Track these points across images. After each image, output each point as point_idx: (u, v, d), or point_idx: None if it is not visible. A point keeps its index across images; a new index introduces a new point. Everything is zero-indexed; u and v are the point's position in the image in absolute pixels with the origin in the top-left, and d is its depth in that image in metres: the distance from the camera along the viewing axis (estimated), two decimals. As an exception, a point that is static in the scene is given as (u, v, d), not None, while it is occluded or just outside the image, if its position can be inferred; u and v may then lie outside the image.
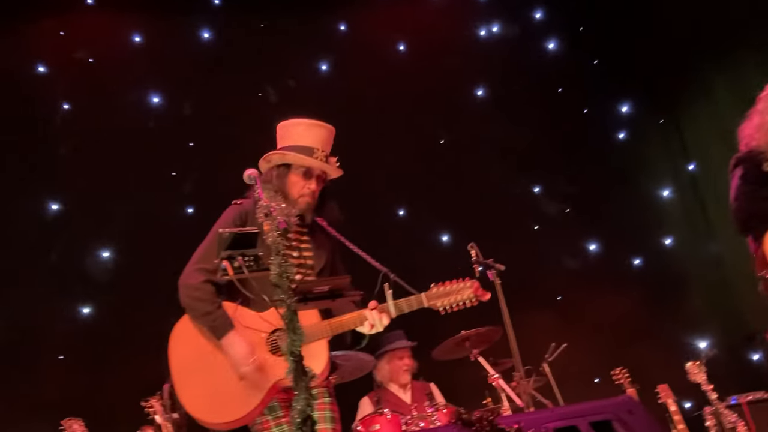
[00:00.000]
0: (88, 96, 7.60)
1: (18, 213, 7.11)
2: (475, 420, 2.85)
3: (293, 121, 4.05)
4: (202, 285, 3.71)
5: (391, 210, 8.29)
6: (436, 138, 8.58)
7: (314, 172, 3.96)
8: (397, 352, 6.27)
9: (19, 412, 6.28)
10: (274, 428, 3.63)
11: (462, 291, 3.80)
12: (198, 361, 3.68)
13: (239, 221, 3.83)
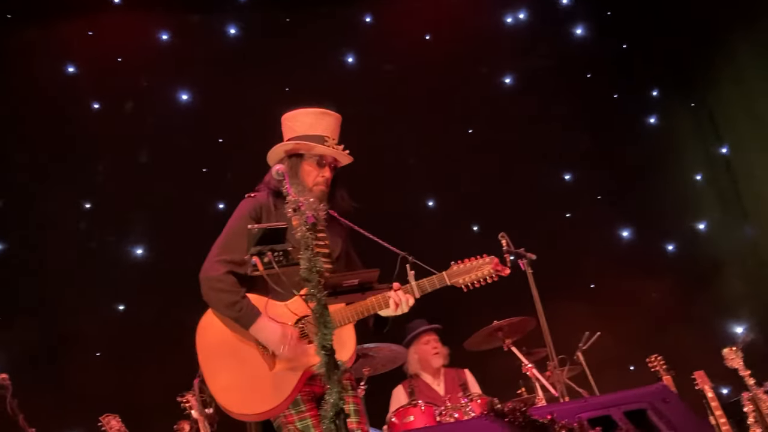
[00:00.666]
0: (118, 95, 7.68)
1: (51, 213, 7.22)
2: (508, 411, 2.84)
3: (300, 111, 4.02)
4: (225, 276, 3.68)
5: (421, 201, 8.28)
6: (464, 127, 8.54)
7: (327, 160, 3.94)
8: (422, 337, 6.25)
9: (59, 409, 6.38)
10: (298, 422, 3.61)
11: (482, 267, 3.80)
12: (226, 354, 3.67)
13: (255, 214, 3.82)
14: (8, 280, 6.95)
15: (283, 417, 3.64)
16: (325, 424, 2.97)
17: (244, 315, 3.63)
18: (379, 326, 3.91)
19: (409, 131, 8.11)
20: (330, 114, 4.03)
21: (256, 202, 3.87)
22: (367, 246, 4.01)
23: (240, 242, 3.73)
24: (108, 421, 5.33)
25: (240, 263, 3.69)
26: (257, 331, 3.61)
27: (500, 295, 6.90)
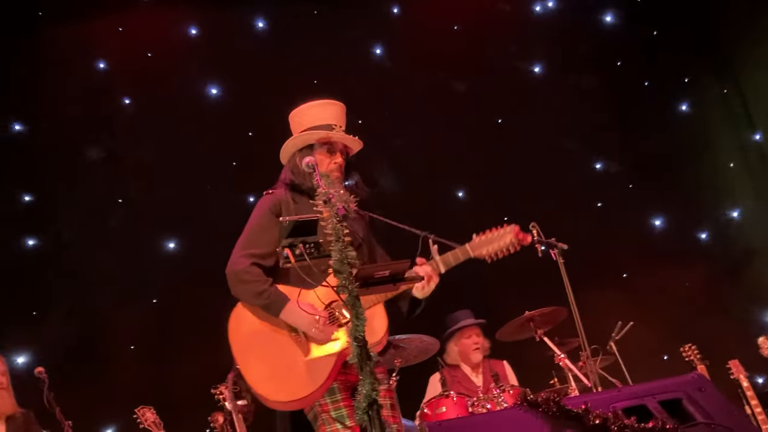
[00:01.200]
0: (148, 90, 7.74)
1: (84, 208, 7.30)
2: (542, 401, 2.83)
3: (306, 105, 4.06)
4: (250, 268, 3.71)
5: (450, 192, 8.26)
6: (494, 117, 8.50)
7: (337, 147, 3.95)
8: (464, 331, 6.23)
9: (94, 402, 6.46)
10: (333, 411, 3.60)
11: (504, 236, 3.79)
12: (260, 344, 3.69)
13: (275, 209, 3.85)
14: (42, 276, 7.05)
15: (318, 406, 3.64)
16: (358, 414, 2.98)
17: (273, 302, 3.65)
18: (413, 308, 3.90)
19: (437, 122, 8.09)
20: (334, 103, 4.06)
21: (275, 198, 3.91)
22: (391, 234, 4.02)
23: (262, 237, 3.79)
24: (143, 413, 5.40)
25: (264, 256, 3.75)
26: (287, 314, 3.62)
27: (532, 286, 6.91)
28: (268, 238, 3.77)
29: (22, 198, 7.38)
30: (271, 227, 3.81)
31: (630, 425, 2.78)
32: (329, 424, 3.59)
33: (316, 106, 4.02)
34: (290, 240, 3.26)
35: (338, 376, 3.66)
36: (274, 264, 3.78)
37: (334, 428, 3.57)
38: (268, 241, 3.77)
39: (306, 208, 3.80)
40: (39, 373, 4.76)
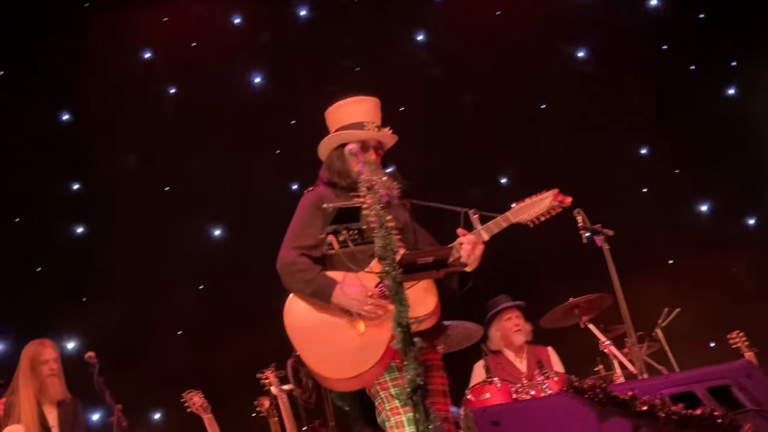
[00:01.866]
0: (192, 79, 7.82)
1: (131, 195, 7.41)
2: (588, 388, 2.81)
3: (338, 104, 4.11)
4: (299, 258, 3.78)
5: (493, 178, 8.23)
6: (537, 103, 8.44)
7: (370, 144, 3.98)
8: (504, 314, 6.21)
9: (143, 386, 6.57)
10: (392, 388, 3.64)
11: (543, 200, 3.82)
12: (315, 328, 3.74)
13: (318, 203, 3.87)
14: (91, 262, 7.19)
15: (377, 384, 3.69)
16: (403, 399, 3.00)
17: (321, 288, 3.70)
18: (463, 283, 3.91)
19: (480, 108, 8.06)
20: (366, 100, 4.10)
21: (317, 193, 3.97)
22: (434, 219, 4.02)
23: (308, 230, 3.85)
24: (190, 397, 5.48)
25: (312, 248, 3.81)
26: (337, 297, 3.67)
27: (577, 272, 6.87)
28: (313, 230, 3.82)
29: (71, 186, 7.53)
30: (314, 220, 3.85)
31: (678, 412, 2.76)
32: (388, 401, 3.64)
33: (349, 104, 4.08)
34: (334, 227, 3.29)
35: (396, 354, 3.68)
36: (322, 254, 3.83)
37: (393, 406, 3.62)
38: (313, 233, 3.82)
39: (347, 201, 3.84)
40: (89, 357, 4.85)
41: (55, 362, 5.30)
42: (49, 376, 5.23)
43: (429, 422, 2.93)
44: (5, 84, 7.31)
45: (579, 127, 8.16)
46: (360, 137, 3.96)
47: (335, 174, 3.98)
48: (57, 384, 5.29)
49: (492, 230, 3.78)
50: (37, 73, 7.32)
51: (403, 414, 3.57)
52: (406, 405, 3.06)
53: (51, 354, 5.29)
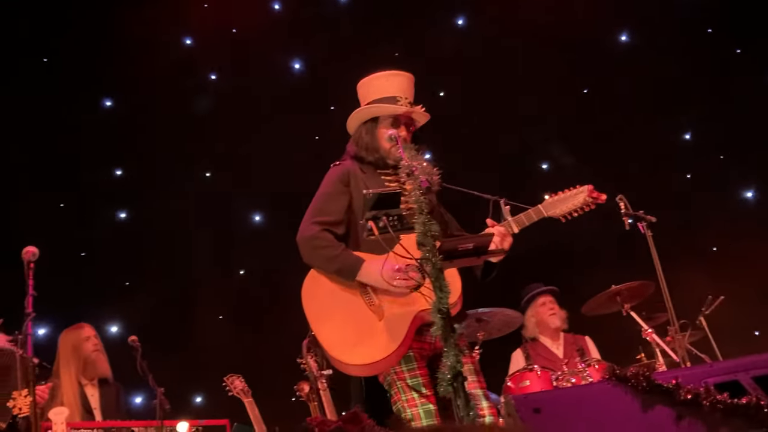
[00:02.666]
0: (233, 65, 7.86)
1: (173, 181, 7.49)
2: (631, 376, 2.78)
3: (372, 76, 4.03)
4: (320, 233, 3.72)
5: (535, 164, 8.16)
6: (579, 87, 8.34)
7: (401, 120, 3.92)
8: (538, 299, 6.18)
9: (186, 369, 6.66)
10: (409, 379, 3.60)
11: (577, 195, 3.74)
12: (334, 309, 3.68)
13: (344, 178, 3.88)
14: (134, 247, 7.27)
15: (393, 374, 3.63)
16: (443, 386, 2.98)
17: (346, 265, 3.64)
18: (487, 272, 3.86)
19: (521, 92, 7.98)
20: (400, 74, 4.01)
21: (344, 168, 3.93)
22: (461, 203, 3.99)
23: (331, 205, 3.82)
24: (232, 380, 5.53)
25: (334, 224, 3.77)
26: (364, 275, 3.61)
27: (619, 259, 6.80)
28: (337, 206, 3.81)
29: (114, 172, 7.62)
30: (338, 196, 3.84)
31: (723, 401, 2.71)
32: (404, 392, 3.59)
33: (382, 77, 4.00)
34: (374, 212, 3.28)
35: (414, 344, 3.65)
36: (344, 232, 3.81)
37: (409, 397, 3.57)
38: (337, 209, 3.80)
39: (374, 178, 3.81)
40: (132, 341, 4.89)
41: (96, 338, 5.39)
42: (94, 352, 5.32)
43: (469, 409, 2.92)
44: (48, 72, 7.40)
45: (622, 111, 8.06)
46: (392, 112, 3.91)
47: (363, 148, 3.93)
48: (102, 359, 5.37)
49: (522, 222, 3.71)
50: (79, 61, 7.40)
51: (420, 406, 3.53)
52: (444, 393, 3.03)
53: (90, 332, 5.38)
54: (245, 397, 5.48)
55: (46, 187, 7.03)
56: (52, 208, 7.17)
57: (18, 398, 3.94)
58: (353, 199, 3.83)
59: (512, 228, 3.69)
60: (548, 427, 2.73)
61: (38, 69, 7.37)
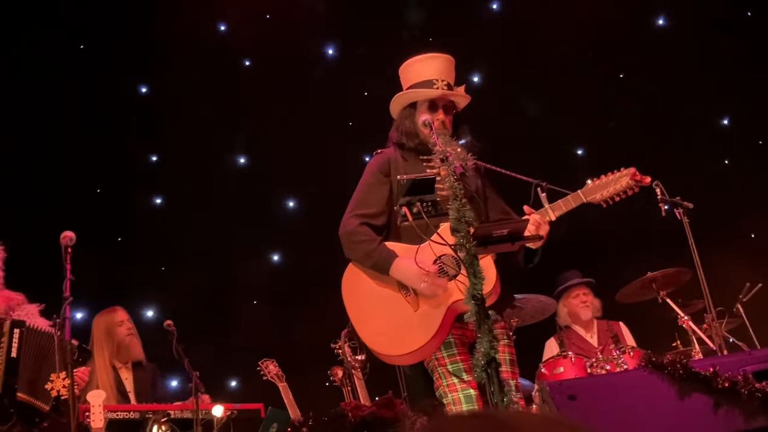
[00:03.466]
0: (267, 51, 7.87)
1: (211, 167, 7.54)
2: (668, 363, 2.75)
3: (410, 60, 3.99)
4: (359, 227, 3.75)
5: (570, 150, 8.09)
6: (617, 72, 8.24)
7: (439, 103, 3.88)
8: (571, 291, 6.14)
9: (221, 354, 6.72)
10: (449, 365, 3.60)
11: (620, 179, 3.64)
12: (371, 301, 3.73)
13: (383, 168, 3.87)
14: (170, 232, 7.34)
15: (434, 359, 3.65)
16: (477, 372, 2.98)
17: (380, 260, 3.66)
18: (528, 259, 3.83)
19: (557, 77, 7.91)
20: (437, 56, 3.96)
21: (384, 157, 3.93)
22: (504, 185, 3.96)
23: (371, 196, 3.83)
24: (266, 365, 5.57)
25: (374, 216, 3.78)
26: (395, 271, 3.63)
27: (655, 246, 6.73)
28: (377, 197, 3.81)
29: (149, 158, 7.69)
30: (379, 187, 3.84)
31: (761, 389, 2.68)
32: (445, 378, 3.60)
33: (419, 62, 3.96)
34: (408, 198, 3.28)
35: (454, 330, 3.66)
36: (384, 223, 3.82)
37: (450, 382, 3.58)
38: (377, 200, 3.81)
39: (415, 164, 3.80)
40: (168, 325, 4.94)
41: (129, 322, 5.46)
42: (128, 336, 5.38)
43: (503, 395, 2.92)
44: (85, 59, 7.47)
45: (658, 96, 7.95)
46: (426, 96, 3.88)
47: (403, 135, 3.91)
48: (136, 343, 5.44)
49: (561, 209, 3.65)
50: (116, 48, 7.46)
51: (461, 391, 3.53)
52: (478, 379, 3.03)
53: (124, 316, 5.45)
54: (279, 382, 5.52)
55: (83, 173, 7.11)
56: (89, 194, 7.25)
57: (56, 380, 4.01)
58: (393, 188, 3.83)
59: (549, 215, 3.64)
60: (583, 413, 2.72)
61: (75, 55, 7.43)
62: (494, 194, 4.01)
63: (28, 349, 4.30)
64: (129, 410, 4.76)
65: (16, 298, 4.58)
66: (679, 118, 7.90)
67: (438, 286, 3.57)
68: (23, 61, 7.05)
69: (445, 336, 3.62)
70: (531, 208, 3.67)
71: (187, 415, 4.74)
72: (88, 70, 7.34)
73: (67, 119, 7.14)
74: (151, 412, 4.76)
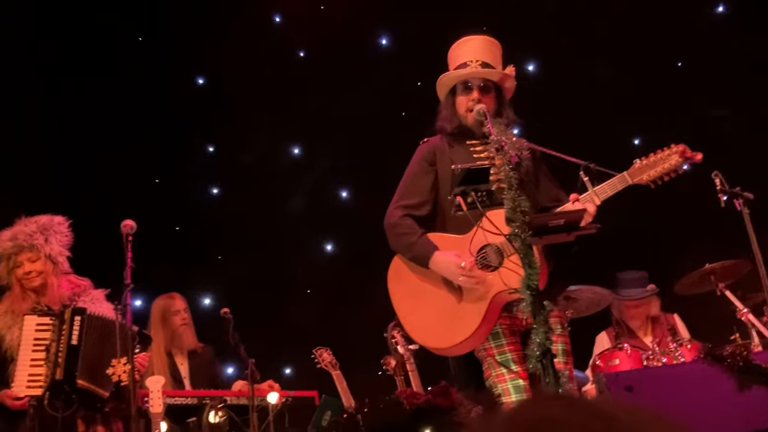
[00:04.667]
0: (322, 42, 7.91)
1: (264, 159, 7.62)
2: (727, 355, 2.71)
3: (450, 48, 3.99)
4: (402, 220, 3.77)
5: (627, 139, 7.98)
6: (673, 61, 8.09)
7: (474, 83, 3.83)
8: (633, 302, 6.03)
9: (276, 342, 6.79)
10: (497, 355, 3.61)
11: (668, 158, 3.56)
12: (416, 294, 3.75)
13: (429, 157, 3.88)
14: (226, 222, 7.45)
15: (483, 350, 3.66)
16: (532, 363, 2.98)
17: (420, 253, 3.68)
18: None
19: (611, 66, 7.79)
20: (472, 38, 3.95)
21: (430, 146, 3.94)
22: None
23: (415, 186, 3.85)
24: (320, 353, 5.62)
25: (417, 206, 3.81)
26: (434, 265, 3.64)
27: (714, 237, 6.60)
28: (421, 187, 3.83)
29: (206, 148, 7.80)
30: (423, 176, 3.85)
31: (824, 383, 2.63)
32: (494, 368, 3.61)
33: (456, 48, 3.96)
34: (462, 188, 3.28)
35: (502, 320, 3.64)
36: (428, 213, 3.82)
37: (498, 372, 3.59)
38: (421, 190, 3.82)
39: (462, 151, 3.79)
40: (225, 313, 5.01)
41: (185, 312, 5.55)
42: (181, 326, 5.48)
43: (558, 386, 2.91)
44: (143, 51, 7.60)
45: (717, 85, 7.78)
46: (456, 76, 3.86)
47: (444, 120, 3.91)
48: (189, 333, 5.53)
49: (606, 192, 3.60)
50: (173, 40, 7.57)
51: (510, 381, 3.54)
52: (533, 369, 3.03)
53: (181, 305, 5.53)
54: (333, 370, 5.56)
55: (143, 163, 7.25)
56: (148, 184, 7.39)
57: (117, 366, 4.10)
58: (439, 177, 3.83)
59: (594, 199, 3.60)
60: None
61: (133, 48, 7.57)
62: (547, 180, 3.96)
63: (89, 336, 4.41)
64: (186, 396, 4.86)
65: (82, 284, 4.70)
66: (738, 107, 7.72)
67: (476, 280, 3.55)
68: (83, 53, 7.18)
69: (492, 326, 3.63)
70: (576, 195, 3.63)
71: (243, 402, 4.82)
72: (147, 61, 7.46)
73: (125, 111, 7.27)
74: (208, 398, 4.85)
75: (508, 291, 3.29)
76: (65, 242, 4.67)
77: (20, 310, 4.43)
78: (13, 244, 4.50)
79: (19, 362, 4.28)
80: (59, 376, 4.26)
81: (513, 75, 3.93)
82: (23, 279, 4.49)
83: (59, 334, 4.35)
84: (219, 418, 4.73)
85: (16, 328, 4.38)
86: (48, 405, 4.20)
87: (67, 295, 4.59)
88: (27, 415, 4.13)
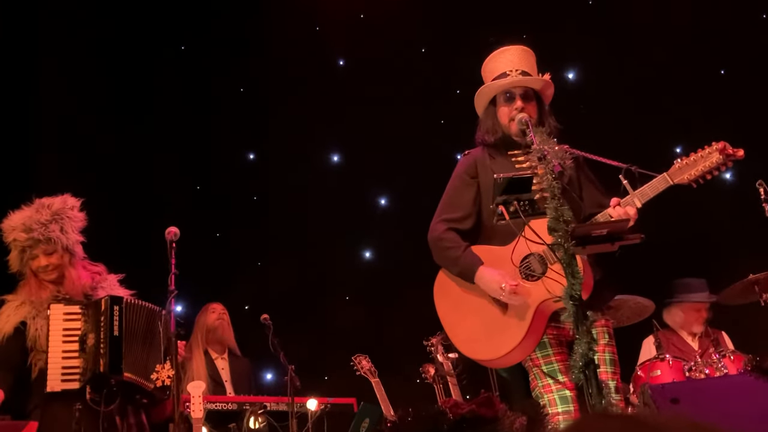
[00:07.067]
0: (361, 51, 7.94)
1: (306, 165, 7.67)
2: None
3: (486, 60, 3.97)
4: (445, 233, 3.77)
5: (670, 147, 7.89)
6: (716, 68, 7.99)
7: (515, 92, 3.81)
8: (695, 305, 5.97)
9: (315, 349, 6.82)
10: (544, 366, 3.59)
11: (709, 156, 3.52)
12: (462, 307, 3.75)
13: (470, 170, 3.86)
14: (266, 228, 7.51)
15: (529, 360, 3.65)
16: (575, 373, 2.96)
17: (465, 269, 3.68)
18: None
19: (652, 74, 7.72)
20: (508, 48, 3.92)
21: (471, 158, 3.92)
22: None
23: (458, 200, 3.84)
24: (359, 360, 5.63)
25: (460, 220, 3.80)
26: (478, 281, 3.64)
27: (757, 247, 6.50)
28: (464, 200, 3.82)
29: (247, 155, 7.87)
30: (465, 189, 3.84)
31: None
32: (540, 378, 3.59)
33: (492, 60, 3.95)
34: (504, 197, 3.26)
35: (549, 331, 3.62)
36: (471, 226, 3.81)
37: (545, 383, 3.57)
38: (464, 203, 3.81)
39: (503, 162, 3.77)
40: (264, 319, 5.06)
41: (223, 312, 5.61)
42: (217, 320, 5.55)
43: (602, 397, 2.89)
44: (185, 58, 7.69)
45: (760, 92, 7.67)
46: (499, 87, 3.83)
47: (487, 133, 3.88)
48: (227, 329, 5.59)
49: (647, 195, 3.55)
50: (214, 46, 7.65)
51: (556, 392, 3.52)
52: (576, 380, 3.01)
53: (219, 307, 5.62)
54: (372, 377, 5.58)
55: (185, 171, 7.33)
56: (190, 190, 7.48)
57: (161, 371, 4.15)
58: (481, 188, 3.82)
59: (635, 202, 3.56)
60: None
61: (177, 56, 7.67)
62: (592, 186, 3.93)
63: (130, 326, 4.24)
64: (227, 401, 4.90)
65: (98, 269, 4.53)
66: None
67: (517, 296, 3.53)
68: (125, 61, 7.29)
69: (540, 336, 3.61)
70: (617, 199, 3.59)
71: (283, 408, 4.85)
72: (189, 69, 7.56)
73: (167, 119, 7.36)
74: (248, 403, 4.88)
75: (552, 299, 3.27)
76: (79, 227, 4.39)
77: (40, 299, 4.19)
78: (27, 236, 4.18)
79: (51, 354, 4.05)
80: (103, 369, 4.06)
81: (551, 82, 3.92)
82: (39, 271, 4.24)
83: (97, 324, 4.15)
84: (259, 423, 4.76)
85: (40, 318, 4.13)
86: (90, 399, 4.02)
87: (89, 285, 4.39)
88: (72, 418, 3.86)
